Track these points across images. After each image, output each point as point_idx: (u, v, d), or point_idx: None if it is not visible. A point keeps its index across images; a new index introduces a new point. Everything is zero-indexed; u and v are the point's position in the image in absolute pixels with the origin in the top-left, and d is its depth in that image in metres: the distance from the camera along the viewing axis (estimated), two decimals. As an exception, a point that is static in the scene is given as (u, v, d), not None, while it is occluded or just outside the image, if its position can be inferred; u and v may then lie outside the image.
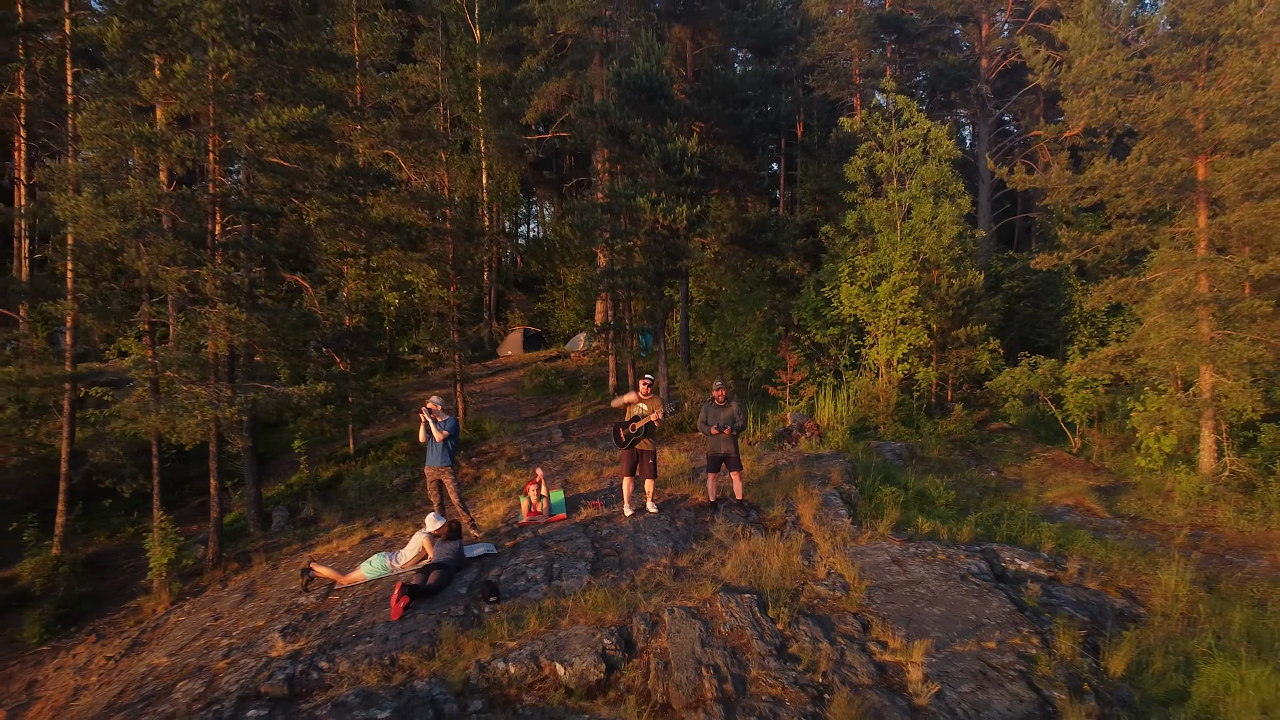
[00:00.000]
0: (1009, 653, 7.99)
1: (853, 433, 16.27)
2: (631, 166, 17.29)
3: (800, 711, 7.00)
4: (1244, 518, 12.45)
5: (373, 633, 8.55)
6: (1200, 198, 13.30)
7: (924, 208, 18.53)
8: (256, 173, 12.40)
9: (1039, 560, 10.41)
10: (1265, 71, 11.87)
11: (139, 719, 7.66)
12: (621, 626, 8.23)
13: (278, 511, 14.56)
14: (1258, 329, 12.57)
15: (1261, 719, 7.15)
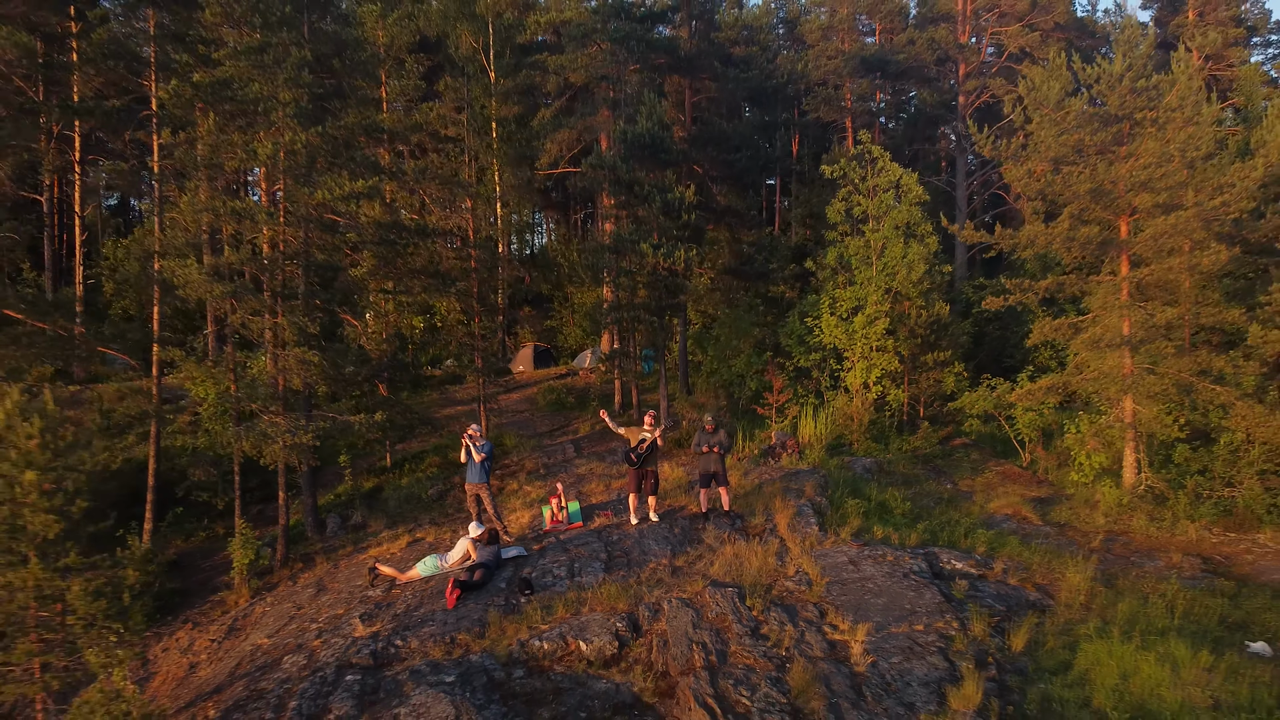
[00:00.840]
0: (933, 634, 10.13)
1: (830, 449, 18.43)
2: (635, 213, 19.45)
3: (767, 676, 9.15)
4: (1154, 525, 14.60)
5: (434, 618, 10.72)
6: (1123, 252, 15.45)
7: (895, 247, 20.70)
8: (317, 231, 14.57)
9: (971, 561, 12.55)
10: (1168, 150, 14.03)
11: (259, 683, 9.84)
12: (630, 613, 10.39)
13: (331, 518, 16.72)
14: (1165, 366, 14.73)
15: (1121, 682, 9.28)
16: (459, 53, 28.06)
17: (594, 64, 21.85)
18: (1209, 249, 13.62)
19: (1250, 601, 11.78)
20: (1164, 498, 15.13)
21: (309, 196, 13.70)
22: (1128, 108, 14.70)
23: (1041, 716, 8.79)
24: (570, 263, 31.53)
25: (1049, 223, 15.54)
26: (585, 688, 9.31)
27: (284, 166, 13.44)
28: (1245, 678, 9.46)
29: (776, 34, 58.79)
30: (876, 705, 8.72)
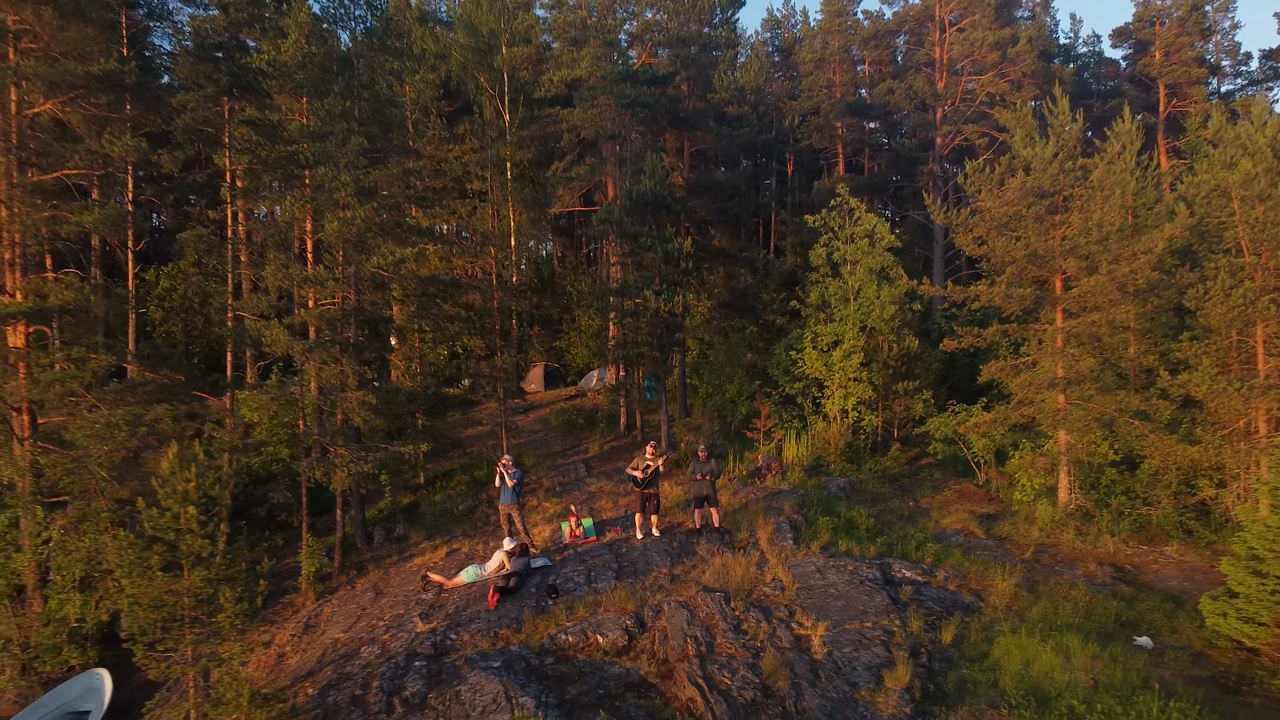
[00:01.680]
0: (879, 630, 12.58)
1: (809, 470, 20.87)
2: (639, 260, 21.89)
3: (745, 663, 11.61)
4: (1079, 539, 17.05)
5: (479, 617, 13.18)
6: (1057, 305, 17.91)
7: (870, 289, 23.16)
8: (370, 289, 17.03)
9: (919, 570, 15.00)
10: (1088, 224, 16.50)
11: (344, 668, 12.31)
12: (637, 613, 12.85)
13: (377, 531, 19.16)
14: (1091, 404, 17.18)
15: (1023, 668, 11.72)
16: (478, 99, 30.57)
17: (602, 123, 24.30)
18: (1121, 307, 16.09)
19: (1144, 604, 14.24)
20: (1090, 515, 17.59)
21: (365, 262, 16.19)
22: (1058, 184, 17.18)
23: (956, 694, 11.25)
24: (579, 291, 34.01)
25: (995, 279, 18.02)
26: (602, 672, 11.78)
27: (345, 237, 15.92)
28: (1122, 665, 11.93)
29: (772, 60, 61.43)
30: (828, 684, 11.19)
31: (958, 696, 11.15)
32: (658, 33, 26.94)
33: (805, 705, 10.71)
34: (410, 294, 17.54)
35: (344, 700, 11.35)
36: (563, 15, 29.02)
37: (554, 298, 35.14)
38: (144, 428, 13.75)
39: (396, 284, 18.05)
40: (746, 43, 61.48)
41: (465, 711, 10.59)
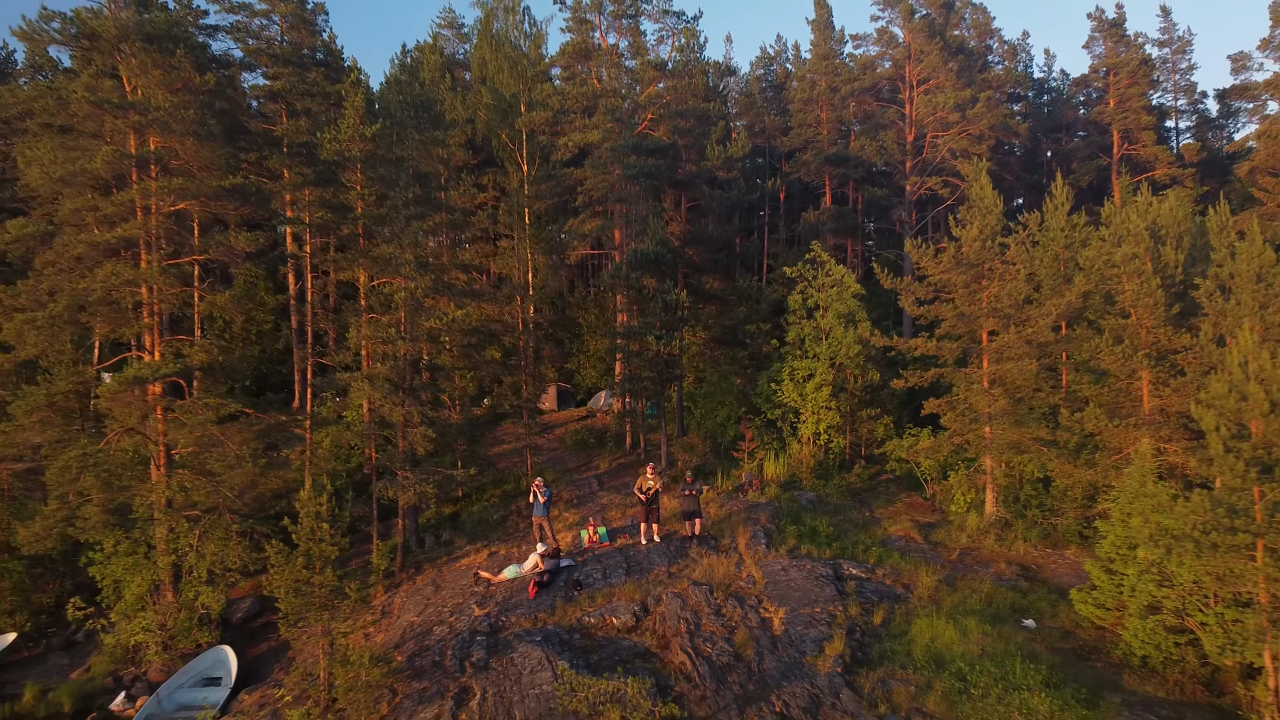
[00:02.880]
0: (826, 614, 16.38)
1: (785, 485, 24.67)
2: (643, 308, 25.68)
3: (723, 637, 15.41)
4: (998, 544, 20.84)
5: (522, 604, 16.99)
6: (984, 355, 21.72)
7: (838, 331, 26.97)
8: (427, 342, 20.86)
9: (863, 568, 18.79)
10: (1004, 290, 20.32)
11: (423, 643, 16.13)
12: (642, 601, 16.65)
13: (428, 536, 22.96)
14: (1009, 434, 20.99)
15: (930, 642, 15.51)
16: (500, 154, 34.41)
17: (611, 187, 28.03)
18: (1024, 361, 19.93)
19: (1036, 595, 18.01)
20: (1009, 524, 21.39)
21: (424, 321, 20.04)
22: (981, 258, 21.01)
23: (877, 660, 15.05)
24: (588, 321, 37.82)
25: (932, 334, 21.86)
26: (617, 644, 15.60)
27: (408, 304, 19.77)
28: (1007, 640, 15.69)
29: (766, 97, 65.32)
30: (783, 653, 15.01)
31: (878, 662, 14.96)
32: (658, 104, 30.75)
33: (765, 667, 14.55)
34: (456, 343, 21.34)
35: (427, 664, 15.20)
36: (575, 87, 32.87)
37: (566, 326, 38.91)
38: (263, 459, 17.58)
39: (447, 336, 21.90)
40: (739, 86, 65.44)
41: (518, 671, 14.42)
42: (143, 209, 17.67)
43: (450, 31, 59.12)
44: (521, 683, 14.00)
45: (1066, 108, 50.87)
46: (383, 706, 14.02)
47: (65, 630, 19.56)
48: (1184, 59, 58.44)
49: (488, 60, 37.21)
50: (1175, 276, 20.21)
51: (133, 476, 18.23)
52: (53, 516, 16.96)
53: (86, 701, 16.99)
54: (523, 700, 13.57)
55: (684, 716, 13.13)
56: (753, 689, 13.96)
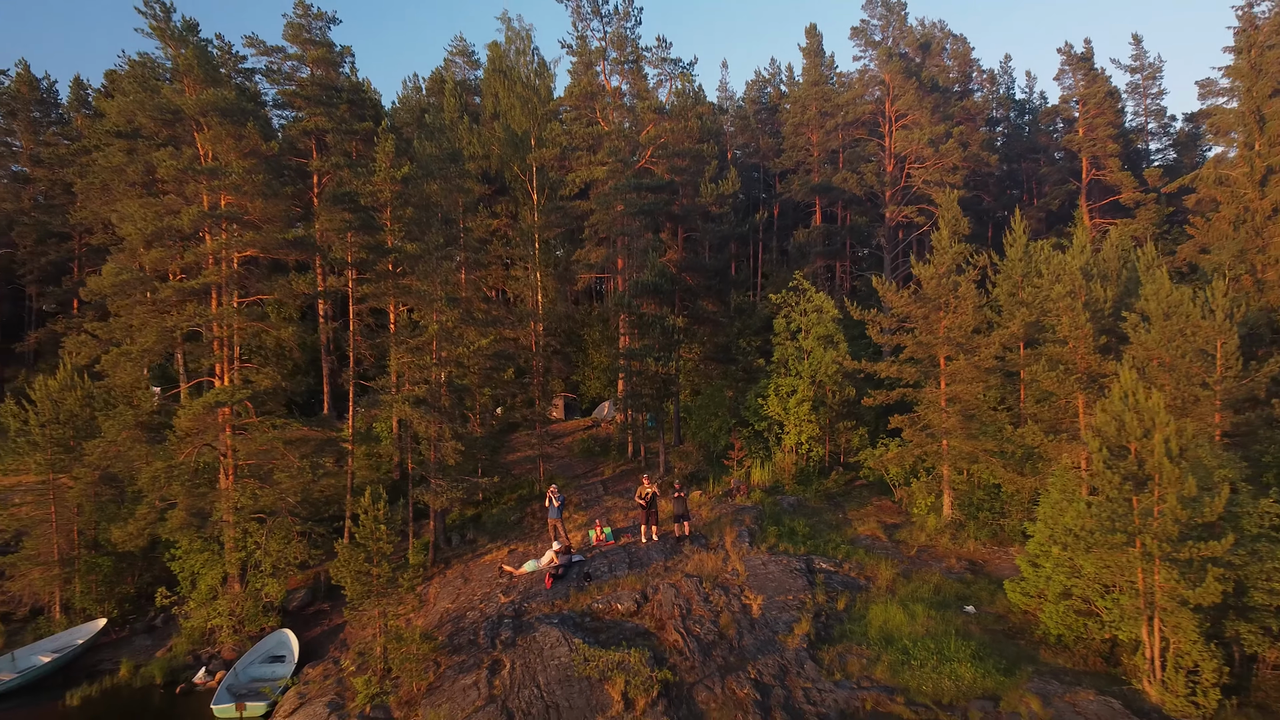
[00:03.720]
0: (797, 600, 19.25)
1: (769, 490, 27.51)
2: (643, 332, 28.53)
3: (710, 620, 18.30)
4: (953, 542, 23.68)
5: (541, 593, 19.87)
6: (941, 377, 24.58)
7: (818, 351, 29.82)
8: (456, 367, 23.70)
9: (832, 563, 21.65)
10: (957, 322, 23.18)
11: (459, 624, 19.02)
12: (642, 590, 19.53)
13: (454, 535, 25.86)
14: (963, 446, 23.84)
15: (883, 623, 18.36)
16: (513, 185, 37.29)
17: (615, 222, 30.87)
18: (974, 384, 22.80)
19: (979, 585, 20.85)
20: (962, 524, 24.26)
21: (456, 351, 22.94)
22: (938, 293, 23.89)
23: (837, 638, 17.90)
24: (592, 338, 40.70)
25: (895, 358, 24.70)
26: (621, 626, 18.47)
27: (440, 335, 22.66)
28: (948, 622, 18.53)
29: (760, 119, 68.21)
30: (760, 632, 17.88)
31: (838, 640, 17.84)
32: (657, 143, 33.59)
33: (744, 643, 17.44)
34: (479, 366, 24.21)
35: (464, 641, 18.10)
36: (582, 127, 35.75)
37: (572, 341, 41.78)
38: (321, 471, 20.48)
39: (472, 360, 24.78)
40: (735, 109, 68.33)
41: (540, 647, 17.31)
42: (215, 258, 20.57)
43: (462, 59, 62.15)
44: (543, 656, 16.90)
45: (1040, 134, 53.67)
46: (430, 675, 16.91)
47: (145, 616, 22.45)
48: (1154, 84, 61.55)
49: (500, 96, 40.04)
50: (1105, 310, 23.10)
51: (206, 485, 21.13)
52: (144, 519, 19.85)
53: (173, 675, 19.88)
54: (545, 669, 16.46)
55: (676, 681, 16.03)
56: (733, 661, 16.85)
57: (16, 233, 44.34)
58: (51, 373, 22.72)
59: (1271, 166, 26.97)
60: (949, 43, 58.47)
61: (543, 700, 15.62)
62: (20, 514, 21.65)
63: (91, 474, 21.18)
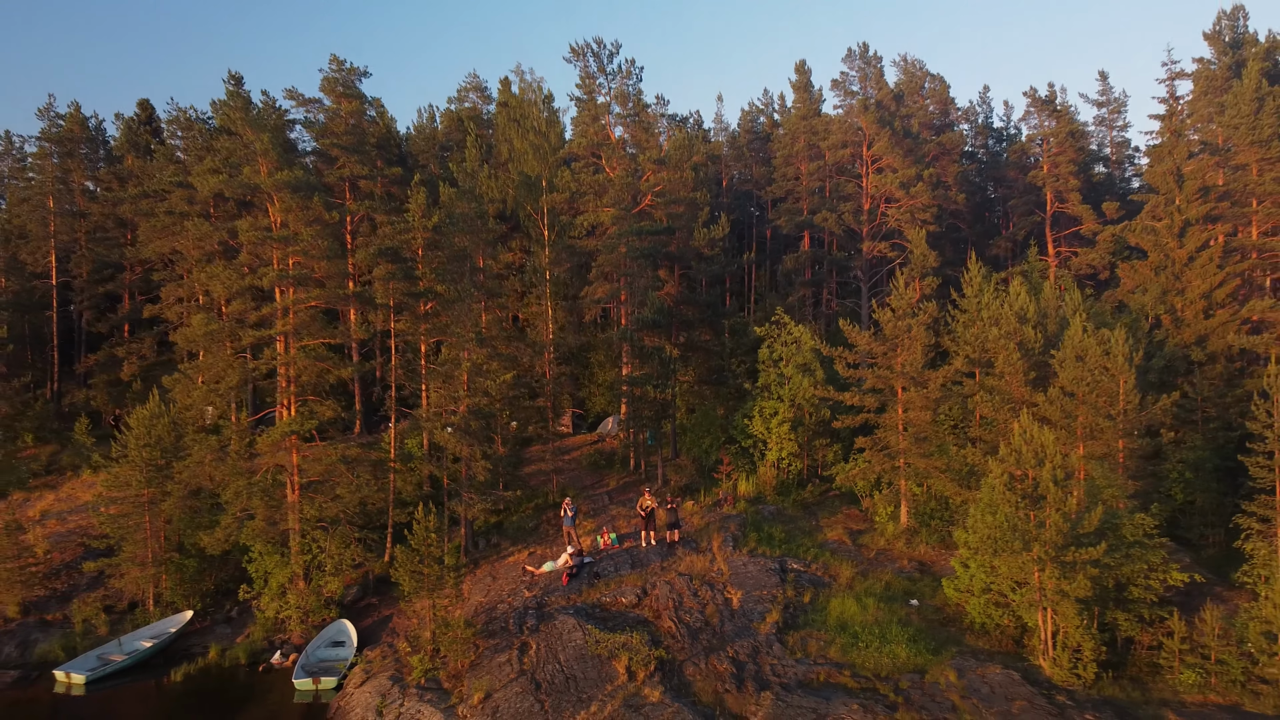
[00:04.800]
0: (770, 595, 23.01)
1: (752, 501, 31.25)
2: (643, 361, 32.32)
3: (698, 610, 22.10)
4: (907, 546, 27.41)
5: (558, 589, 23.65)
6: (899, 404, 28.35)
7: (797, 378, 33.61)
8: (483, 397, 27.52)
9: (802, 563, 25.40)
10: (910, 359, 26.97)
11: (492, 615, 22.82)
12: (643, 586, 23.32)
13: (480, 539, 29.64)
14: (917, 463, 27.62)
15: (840, 614, 22.14)
16: (527, 224, 41.13)
17: (618, 263, 34.72)
18: (924, 411, 26.60)
19: (923, 583, 24.60)
20: (916, 531, 28.03)
21: (483, 383, 26.75)
22: (894, 334, 27.69)
23: (801, 626, 21.66)
24: (598, 359, 44.50)
25: (857, 389, 28.49)
26: (625, 615, 22.27)
27: (470, 370, 26.48)
28: (894, 612, 22.29)
29: (754, 148, 72.02)
30: (738, 620, 21.66)
31: (802, 626, 21.61)
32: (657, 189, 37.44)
33: (725, 629, 21.23)
34: (503, 395, 28.02)
35: (497, 628, 21.91)
36: (589, 175, 39.63)
37: (579, 363, 45.59)
38: (380, 485, 24.30)
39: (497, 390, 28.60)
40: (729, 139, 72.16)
41: (559, 632, 21.11)
42: (283, 311, 24.42)
43: (476, 94, 66.01)
44: (562, 639, 20.71)
45: (1010, 169, 57.48)
46: (471, 654, 20.72)
47: (223, 609, 26.27)
48: (1119, 117, 65.42)
49: (514, 141, 43.86)
50: (1035, 349, 26.93)
51: (277, 498, 24.97)
52: (229, 527, 23.68)
53: (254, 657, 23.70)
54: (564, 649, 20.26)
55: (670, 659, 19.84)
56: (716, 643, 20.64)
57: (73, 262, 48.21)
58: (111, 393, 26.51)
59: (1189, 220, 30.75)
60: (928, 81, 62.28)
61: (563, 673, 19.44)
62: (122, 522, 25.44)
63: (181, 489, 24.99)
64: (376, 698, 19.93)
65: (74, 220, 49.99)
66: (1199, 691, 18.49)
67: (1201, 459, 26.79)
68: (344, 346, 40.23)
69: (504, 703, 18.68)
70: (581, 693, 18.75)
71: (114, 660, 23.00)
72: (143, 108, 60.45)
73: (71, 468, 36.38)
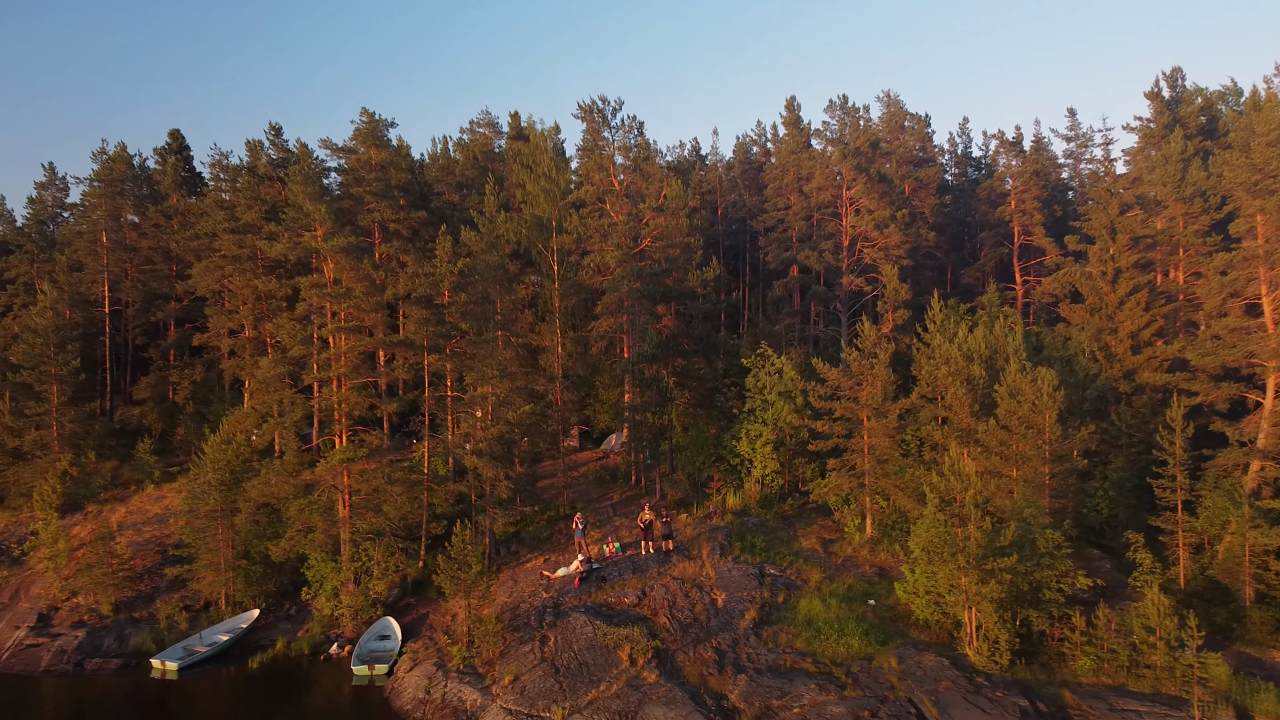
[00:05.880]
0: (749, 596, 26.98)
1: (738, 514, 35.21)
2: (643, 389, 36.32)
3: (688, 609, 26.11)
4: (870, 554, 31.39)
5: (570, 591, 27.62)
6: (865, 432, 32.35)
7: (778, 404, 37.62)
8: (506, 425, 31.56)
9: (779, 568, 29.36)
10: (872, 392, 31.00)
11: (516, 611, 26.82)
12: (642, 588, 27.30)
13: (501, 546, 33.64)
14: (880, 482, 31.61)
15: (807, 611, 26.13)
16: (539, 262, 45.29)
17: (620, 301, 38.72)
18: (884, 439, 30.60)
19: (881, 585, 28.55)
20: (879, 540, 32.03)
21: (505, 413, 30.81)
22: (860, 369, 31.71)
23: (775, 621, 25.62)
24: (602, 381, 48.56)
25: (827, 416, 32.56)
26: (627, 613, 26.27)
27: (494, 402, 30.54)
28: (853, 610, 26.26)
29: (747, 178, 76.14)
30: (722, 617, 25.65)
31: (775, 622, 25.58)
32: (654, 233, 41.55)
33: (711, 624, 25.24)
34: (524, 423, 32.09)
35: (521, 624, 25.93)
36: (594, 221, 43.78)
37: (585, 385, 49.67)
38: (416, 501, 28.35)
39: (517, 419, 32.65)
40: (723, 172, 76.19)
41: (573, 627, 25.11)
42: (336, 356, 28.49)
43: (488, 129, 70.16)
44: (575, 632, 24.73)
45: (981, 204, 61.53)
46: (500, 645, 24.73)
47: (283, 608, 30.29)
48: (1087, 151, 69.44)
49: (526, 185, 47.95)
50: (979, 384, 30.96)
51: (331, 514, 29.02)
52: (293, 538, 27.73)
53: (315, 649, 27.71)
54: (577, 640, 24.28)
55: (664, 648, 23.85)
56: (702, 635, 24.65)
57: (125, 292, 52.37)
58: (160, 410, 30.31)
59: (1120, 268, 34.77)
60: (907, 120, 66.39)
61: (576, 660, 23.46)
62: (199, 533, 29.49)
63: (250, 505, 29.05)
64: (424, 680, 23.96)
65: (124, 254, 54.14)
66: (1094, 675, 22.46)
67: (1123, 479, 30.77)
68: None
69: (529, 683, 22.71)
70: (592, 675, 22.77)
71: (198, 651, 27.01)
72: (173, 137, 64.80)
73: (135, 482, 40.42)
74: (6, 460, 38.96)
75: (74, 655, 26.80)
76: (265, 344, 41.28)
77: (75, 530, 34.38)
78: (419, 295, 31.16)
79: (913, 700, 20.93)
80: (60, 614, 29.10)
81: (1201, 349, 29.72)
